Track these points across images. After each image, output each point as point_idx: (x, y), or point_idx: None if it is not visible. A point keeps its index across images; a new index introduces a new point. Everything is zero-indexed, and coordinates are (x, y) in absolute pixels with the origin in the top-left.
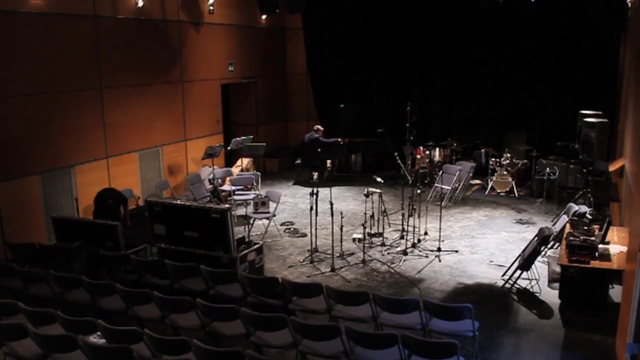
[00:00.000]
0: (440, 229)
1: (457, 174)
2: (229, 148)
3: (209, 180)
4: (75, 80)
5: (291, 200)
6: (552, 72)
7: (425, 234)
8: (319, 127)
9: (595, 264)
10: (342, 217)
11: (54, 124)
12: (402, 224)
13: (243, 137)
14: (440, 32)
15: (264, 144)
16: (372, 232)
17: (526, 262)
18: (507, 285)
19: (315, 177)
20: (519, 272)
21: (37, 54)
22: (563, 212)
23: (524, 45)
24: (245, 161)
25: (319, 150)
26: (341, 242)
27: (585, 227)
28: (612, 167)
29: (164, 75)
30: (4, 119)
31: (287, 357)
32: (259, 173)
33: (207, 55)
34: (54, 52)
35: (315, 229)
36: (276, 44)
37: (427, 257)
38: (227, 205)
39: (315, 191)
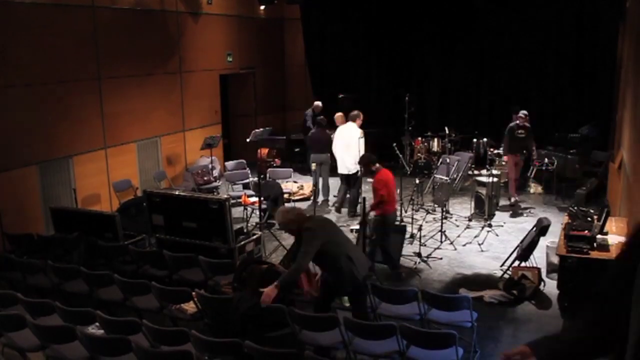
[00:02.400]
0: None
1: (455, 165)
2: (248, 140)
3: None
4: (73, 70)
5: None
6: (551, 62)
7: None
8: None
9: (593, 254)
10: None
11: (52, 114)
12: (401, 215)
13: (262, 129)
14: (439, 21)
15: (284, 137)
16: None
17: (524, 252)
18: (506, 276)
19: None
20: (517, 262)
21: (35, 44)
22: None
23: (521, 35)
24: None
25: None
26: None
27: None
28: (617, 161)
29: (163, 65)
30: (2, 110)
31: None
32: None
33: (206, 45)
34: (52, 42)
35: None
36: (275, 34)
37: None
38: (225, 196)
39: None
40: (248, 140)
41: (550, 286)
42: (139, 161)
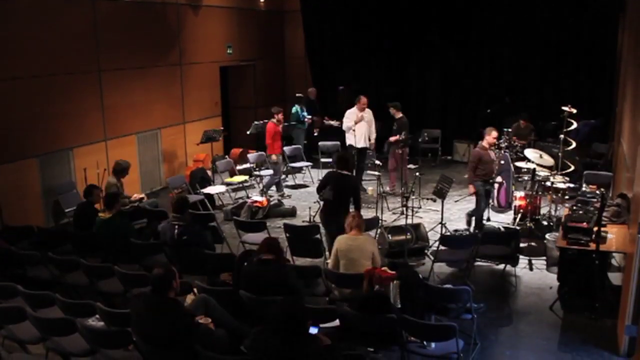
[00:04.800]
0: None
1: None
2: (248, 132)
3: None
4: (73, 63)
5: (290, 183)
6: (551, 54)
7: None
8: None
9: (593, 246)
10: None
11: (53, 106)
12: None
13: (262, 121)
14: (439, 14)
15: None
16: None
17: None
18: (507, 268)
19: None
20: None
21: (35, 36)
22: None
23: (521, 27)
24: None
25: None
26: None
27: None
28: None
29: (163, 58)
30: (2, 102)
31: None
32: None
33: (206, 38)
34: (52, 34)
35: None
36: (275, 26)
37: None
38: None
39: None
40: (248, 132)
41: (551, 278)
42: (139, 153)
